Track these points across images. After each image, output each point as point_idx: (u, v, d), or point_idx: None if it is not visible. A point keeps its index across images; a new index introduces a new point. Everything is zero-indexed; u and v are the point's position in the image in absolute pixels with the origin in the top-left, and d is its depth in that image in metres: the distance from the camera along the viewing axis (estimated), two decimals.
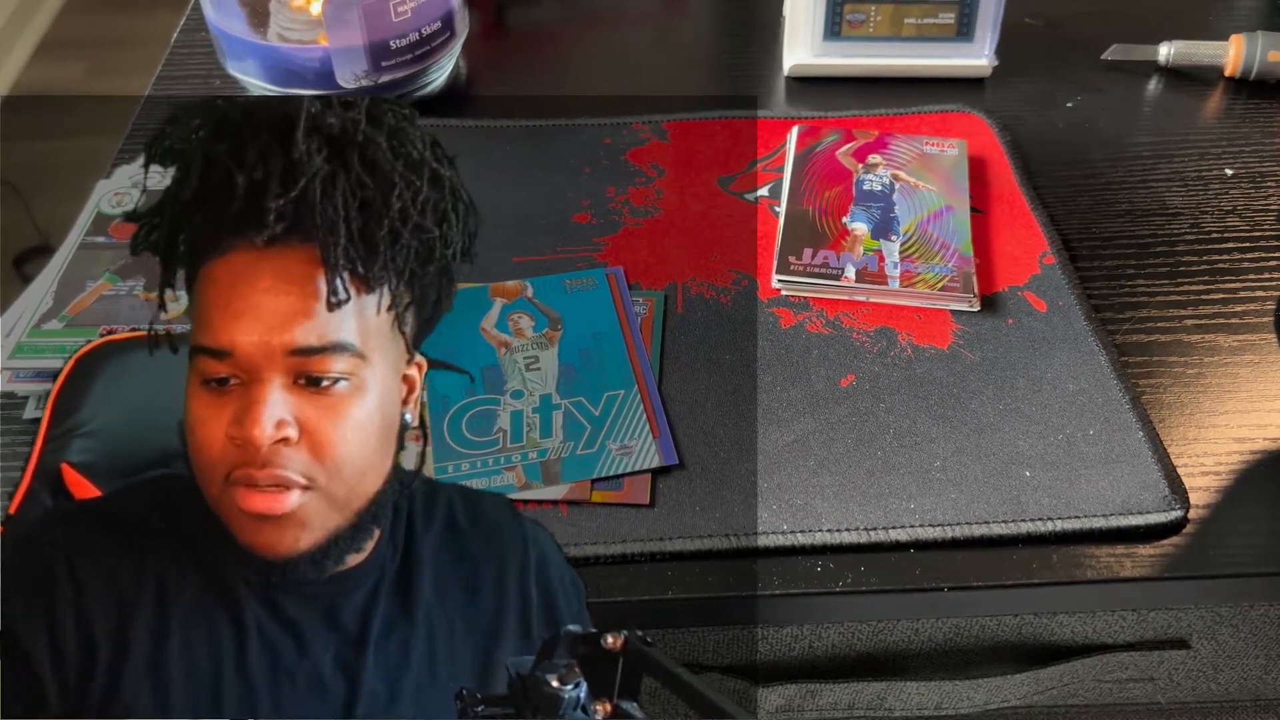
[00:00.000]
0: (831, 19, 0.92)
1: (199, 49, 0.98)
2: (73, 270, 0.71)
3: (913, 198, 0.80)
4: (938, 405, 0.66)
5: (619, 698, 0.44)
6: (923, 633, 0.66)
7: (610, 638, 0.44)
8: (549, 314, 0.72)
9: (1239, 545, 0.60)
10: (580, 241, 0.78)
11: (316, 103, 0.43)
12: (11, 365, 0.65)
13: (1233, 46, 0.93)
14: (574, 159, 0.85)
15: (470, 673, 0.47)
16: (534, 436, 0.64)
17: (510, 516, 0.54)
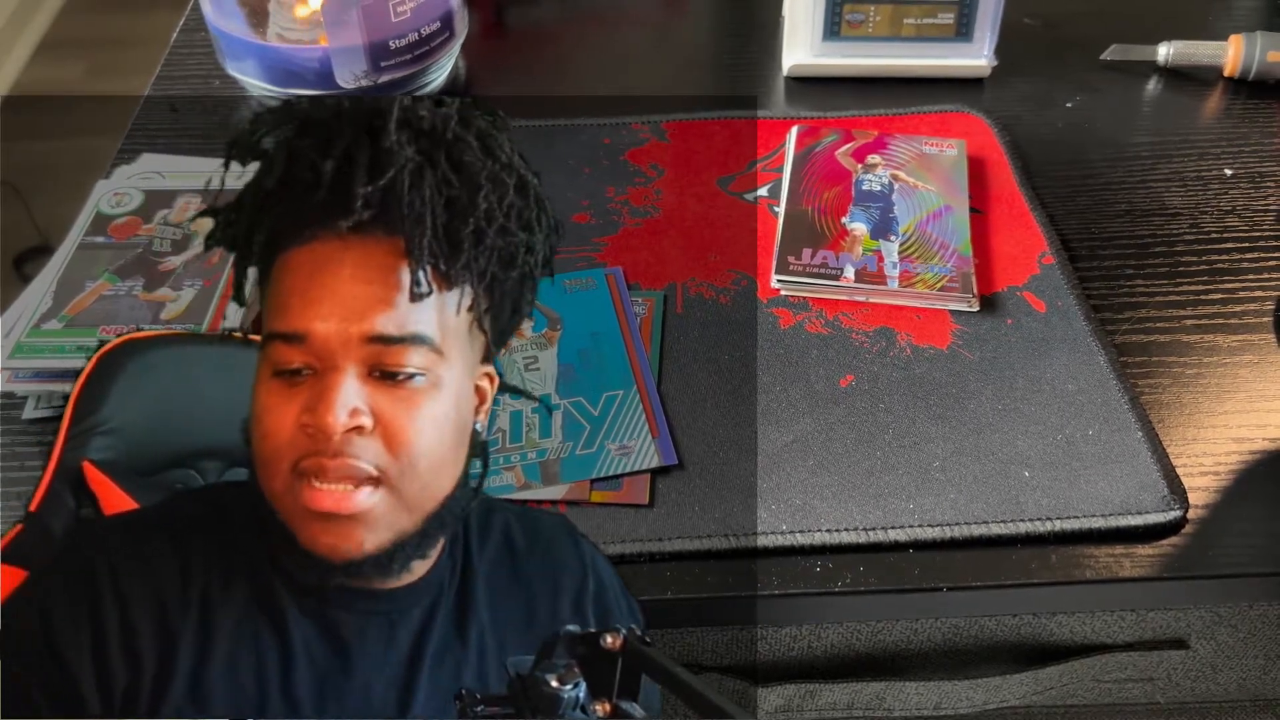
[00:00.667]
0: (831, 19, 0.92)
1: (199, 49, 0.98)
2: (72, 270, 0.71)
3: (912, 198, 0.80)
4: (937, 405, 0.66)
5: (618, 698, 0.44)
6: (922, 633, 0.66)
7: (609, 637, 0.44)
8: (548, 314, 0.72)
9: (1238, 545, 0.60)
10: (579, 241, 0.78)
11: (409, 99, 0.43)
12: (11, 365, 0.65)
13: (1232, 46, 0.93)
14: (573, 159, 0.85)
15: None
16: (533, 436, 0.64)
17: (568, 539, 0.53)
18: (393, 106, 0.42)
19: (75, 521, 0.56)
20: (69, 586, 0.42)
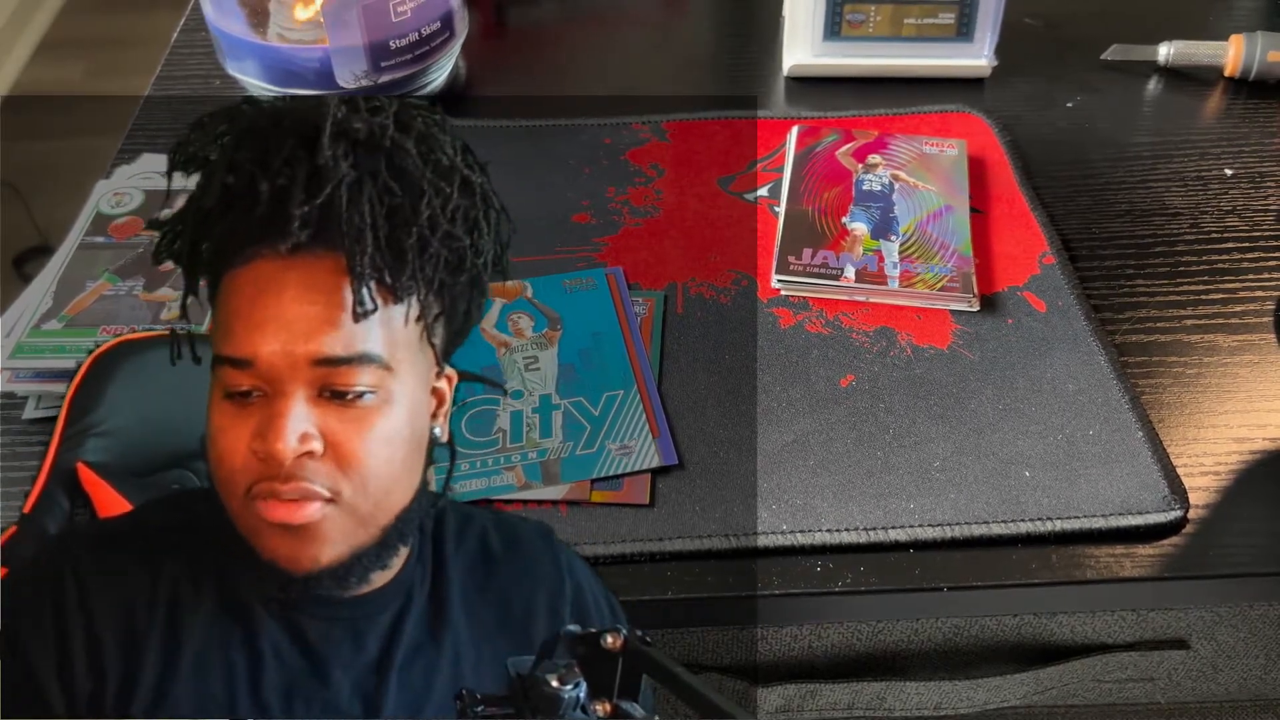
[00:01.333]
0: (831, 19, 0.92)
1: (199, 49, 0.98)
2: (72, 270, 0.71)
3: (912, 198, 0.80)
4: (937, 405, 0.66)
5: (618, 698, 0.44)
6: (922, 633, 0.66)
7: (610, 638, 0.44)
8: (548, 314, 0.72)
9: (1238, 545, 0.60)
10: (580, 241, 0.78)
11: (343, 107, 0.42)
12: (11, 365, 0.65)
13: (1232, 46, 0.93)
14: (574, 159, 0.85)
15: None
16: (533, 436, 0.64)
17: (545, 545, 0.52)
18: (326, 117, 0.41)
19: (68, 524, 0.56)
20: (36, 598, 0.42)
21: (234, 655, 0.43)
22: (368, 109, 0.42)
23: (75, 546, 0.46)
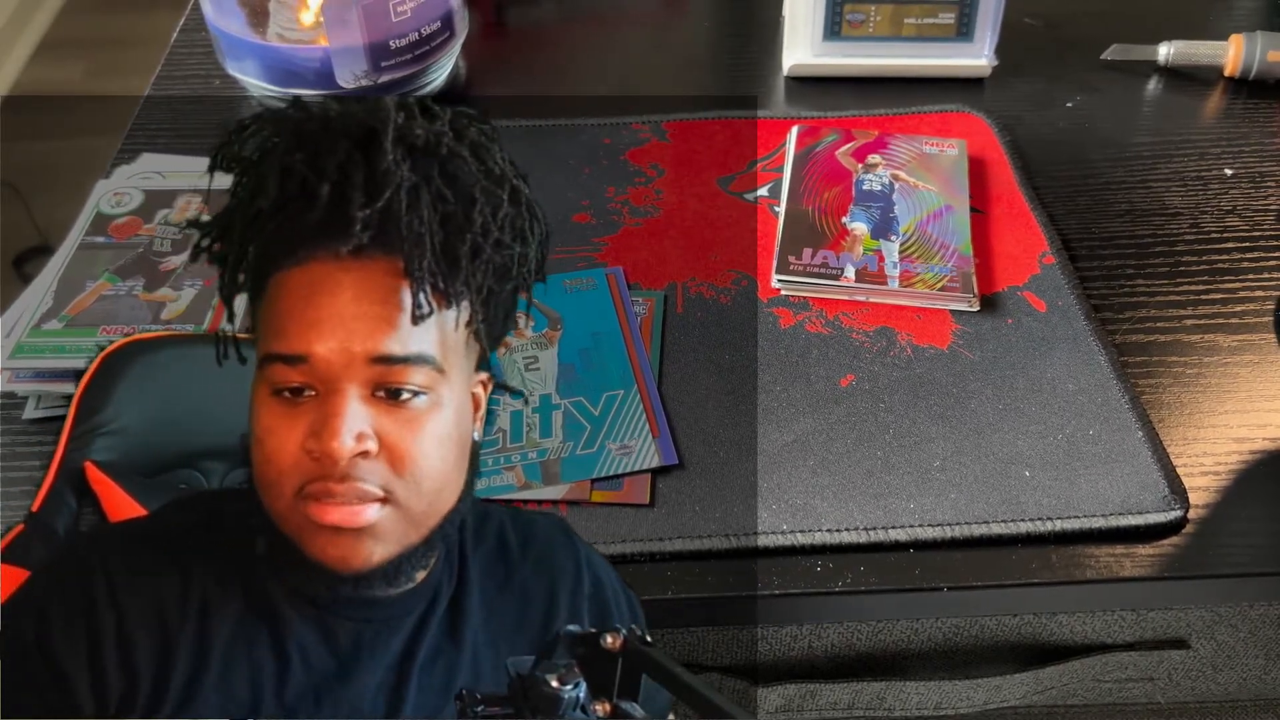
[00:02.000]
0: (831, 19, 0.92)
1: (199, 49, 0.98)
2: (72, 270, 0.71)
3: (912, 198, 0.80)
4: (937, 405, 0.66)
5: (618, 698, 0.44)
6: (922, 632, 0.66)
7: (610, 637, 0.44)
8: (548, 314, 0.72)
9: (1238, 545, 0.60)
10: (580, 241, 0.78)
11: (401, 112, 0.42)
12: (11, 365, 0.65)
13: (1232, 46, 0.93)
14: (574, 159, 0.85)
15: None
16: (533, 436, 0.64)
17: (563, 539, 0.52)
18: (388, 122, 0.41)
19: (76, 524, 0.56)
20: (66, 597, 0.42)
21: (260, 656, 0.43)
22: (424, 116, 0.43)
23: (103, 546, 0.46)
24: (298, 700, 0.42)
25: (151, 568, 0.43)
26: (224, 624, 0.43)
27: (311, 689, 0.43)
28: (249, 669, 0.42)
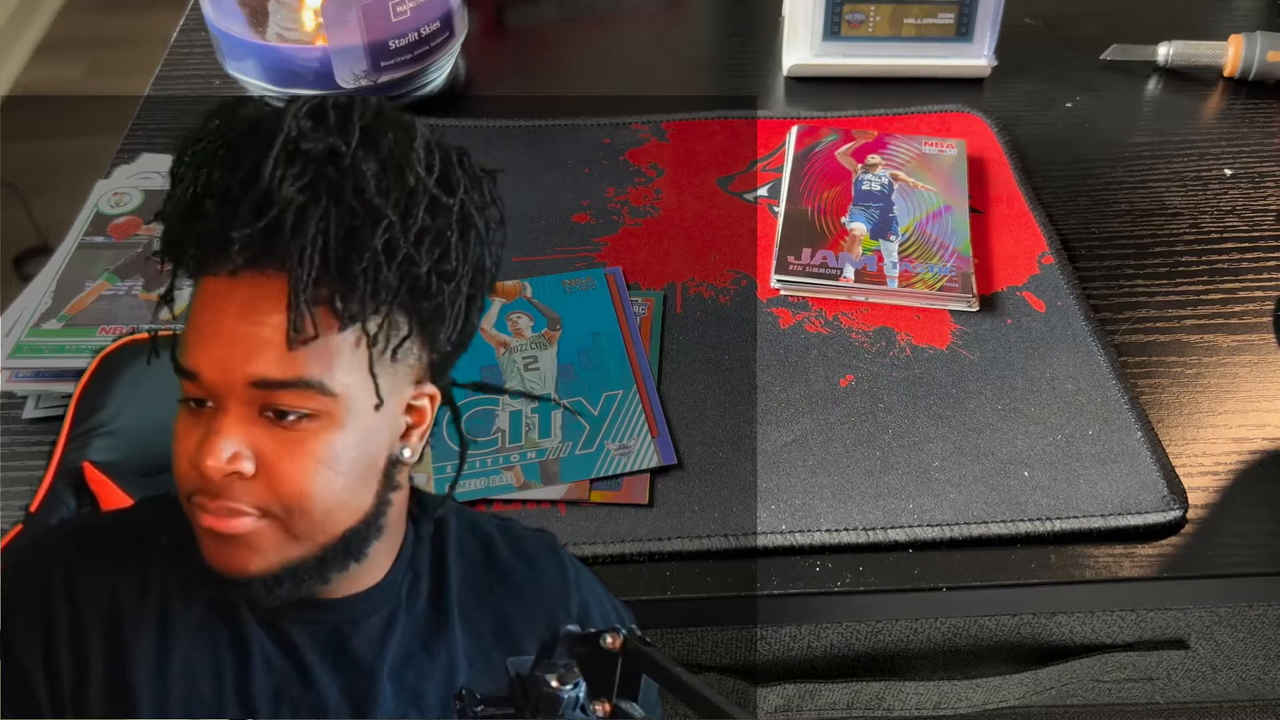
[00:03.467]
0: (831, 19, 0.92)
1: (199, 49, 0.98)
2: (72, 270, 0.71)
3: (912, 198, 0.80)
4: (936, 405, 0.66)
5: (618, 698, 0.44)
6: (921, 633, 0.66)
7: (609, 638, 0.44)
8: (548, 314, 0.72)
9: (1238, 545, 0.60)
10: (579, 241, 0.78)
11: (306, 121, 0.40)
12: (11, 365, 0.65)
13: (1232, 46, 0.93)
14: (573, 159, 0.85)
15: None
16: (532, 436, 0.64)
17: (552, 558, 0.52)
18: (276, 133, 0.40)
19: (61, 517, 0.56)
20: (24, 586, 0.43)
21: (222, 656, 0.43)
22: (336, 120, 0.41)
23: (65, 537, 0.46)
24: (260, 700, 0.43)
25: (111, 561, 0.43)
26: (188, 619, 0.43)
27: (273, 690, 0.43)
28: (211, 667, 0.42)
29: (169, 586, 0.43)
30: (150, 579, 0.43)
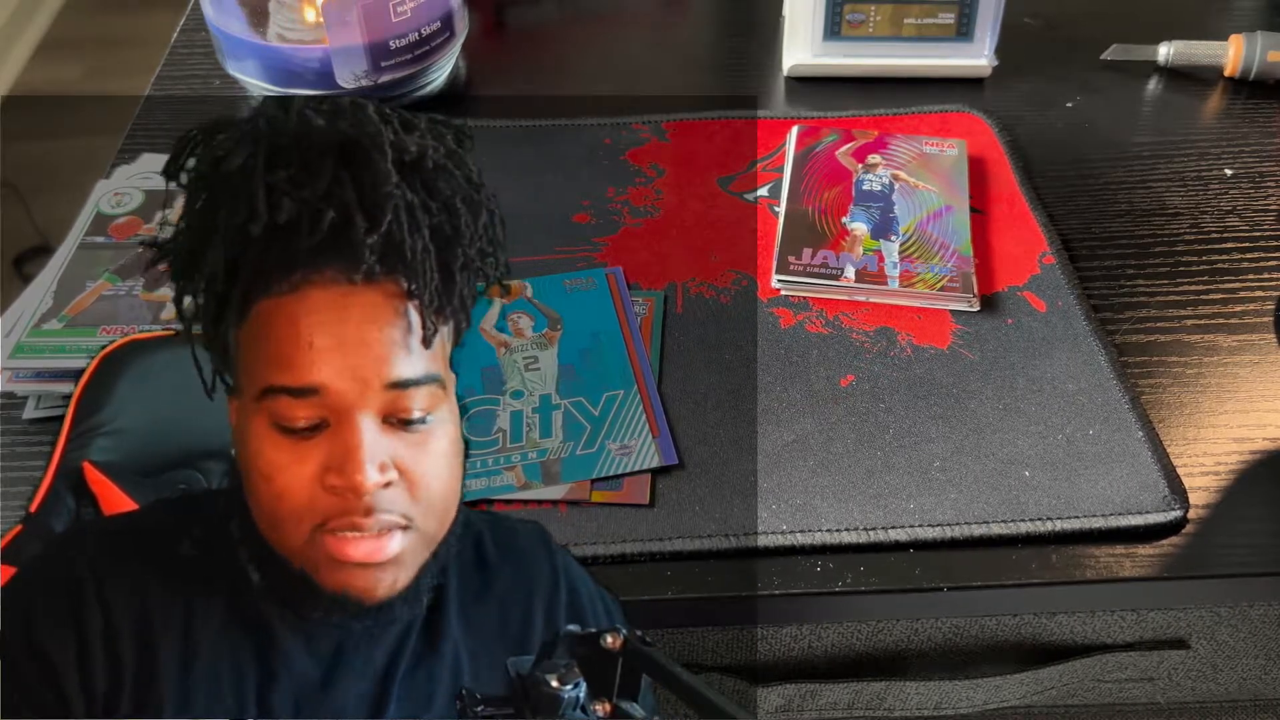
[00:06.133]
0: (831, 19, 0.92)
1: (199, 49, 0.98)
2: (72, 270, 0.71)
3: (912, 198, 0.80)
4: (937, 405, 0.66)
5: (618, 698, 0.44)
6: (922, 633, 0.66)
7: (609, 638, 0.44)
8: (548, 314, 0.72)
9: (1239, 545, 0.60)
10: (580, 241, 0.78)
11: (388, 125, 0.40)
12: (11, 365, 0.65)
13: (1232, 46, 0.93)
14: (574, 159, 0.85)
15: None
16: (533, 436, 0.64)
17: (542, 548, 0.52)
18: (380, 137, 0.39)
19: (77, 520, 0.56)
20: (51, 589, 0.42)
21: (245, 660, 0.42)
22: (403, 126, 0.41)
23: (89, 540, 0.46)
24: (281, 705, 0.42)
25: (137, 565, 0.43)
26: (209, 627, 0.42)
27: (294, 695, 0.43)
28: (234, 673, 0.42)
29: (193, 596, 0.43)
30: (174, 584, 0.43)
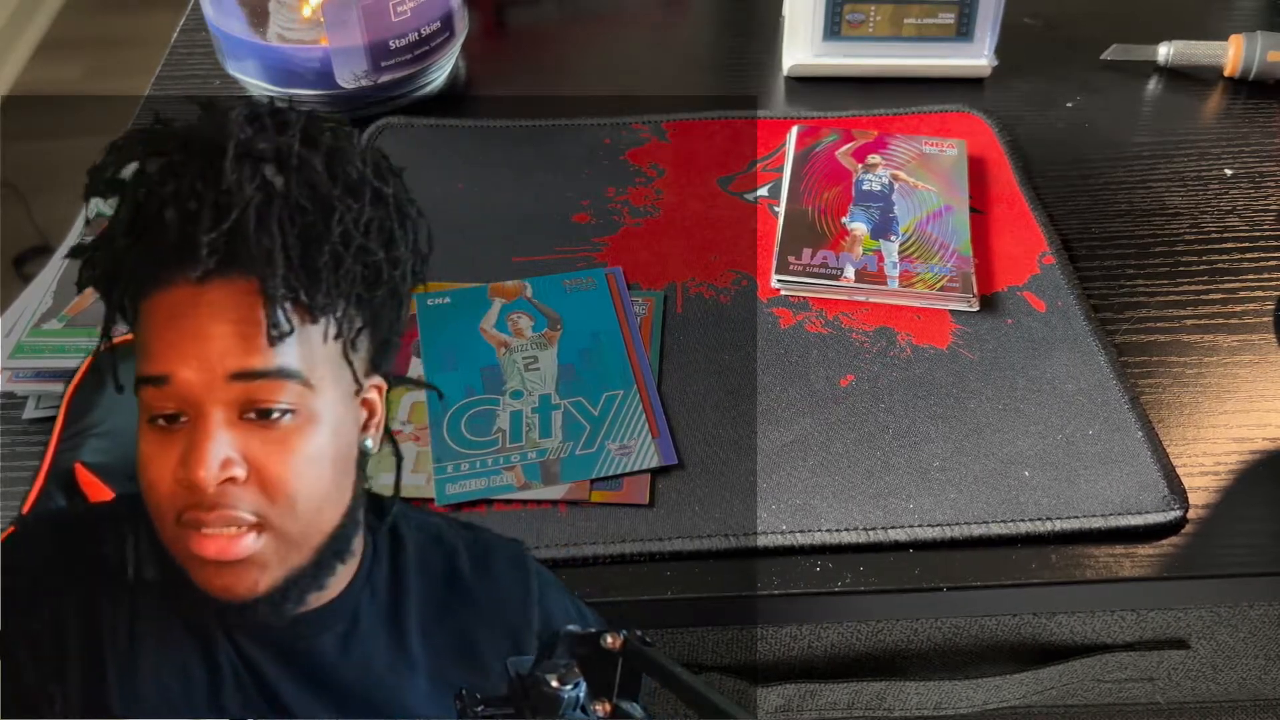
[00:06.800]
0: (831, 19, 0.92)
1: (199, 49, 0.98)
2: (72, 270, 0.71)
3: (912, 198, 0.80)
4: (937, 405, 0.66)
5: (618, 698, 0.44)
6: (922, 633, 0.66)
7: (610, 638, 0.44)
8: (548, 314, 0.72)
9: (1238, 545, 0.60)
10: (579, 241, 0.78)
11: (248, 126, 0.41)
12: (11, 365, 0.65)
13: (1232, 46, 0.93)
14: (574, 159, 0.85)
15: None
16: (533, 436, 0.64)
17: (517, 572, 0.51)
18: (229, 138, 0.40)
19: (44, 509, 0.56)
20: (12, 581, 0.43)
21: (192, 665, 0.43)
22: (275, 125, 0.42)
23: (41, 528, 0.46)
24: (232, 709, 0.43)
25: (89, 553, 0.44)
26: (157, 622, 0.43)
27: (239, 702, 0.43)
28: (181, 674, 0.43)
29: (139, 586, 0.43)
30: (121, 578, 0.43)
